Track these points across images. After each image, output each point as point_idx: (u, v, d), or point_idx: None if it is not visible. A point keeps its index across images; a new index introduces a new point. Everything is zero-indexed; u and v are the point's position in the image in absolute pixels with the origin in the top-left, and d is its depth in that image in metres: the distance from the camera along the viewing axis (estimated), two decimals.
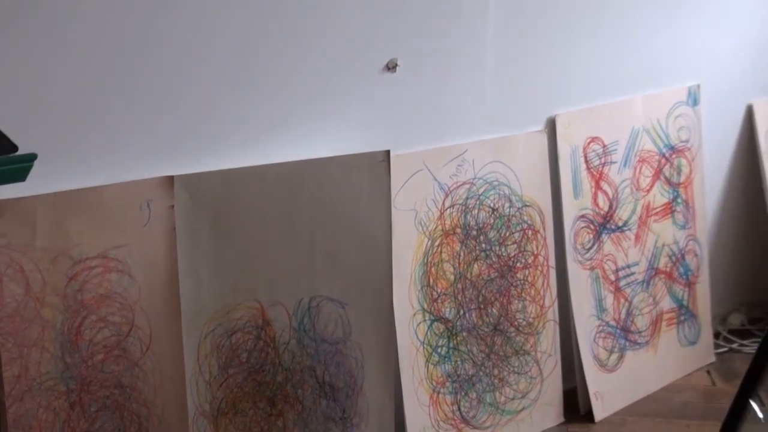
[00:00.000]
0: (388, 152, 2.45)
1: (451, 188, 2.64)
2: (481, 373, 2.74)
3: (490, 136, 2.72)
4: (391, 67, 2.47)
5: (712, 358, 3.32)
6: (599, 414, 2.95)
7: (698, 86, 3.18)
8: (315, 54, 2.34)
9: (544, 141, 2.83)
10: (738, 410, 1.53)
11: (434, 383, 2.64)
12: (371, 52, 2.44)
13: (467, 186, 2.67)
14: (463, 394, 2.71)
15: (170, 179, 2.17)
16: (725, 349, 3.40)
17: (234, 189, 2.25)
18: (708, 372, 3.27)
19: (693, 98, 3.17)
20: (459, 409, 2.70)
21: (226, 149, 2.27)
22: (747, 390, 1.52)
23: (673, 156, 3.15)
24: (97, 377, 2.16)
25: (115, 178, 2.12)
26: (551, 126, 2.84)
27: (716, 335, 3.43)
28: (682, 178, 3.18)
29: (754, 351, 1.99)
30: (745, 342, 3.42)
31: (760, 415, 2.81)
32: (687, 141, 3.18)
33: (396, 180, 2.50)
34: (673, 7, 3.05)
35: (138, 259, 2.17)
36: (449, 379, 2.68)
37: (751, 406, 1.56)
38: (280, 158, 2.32)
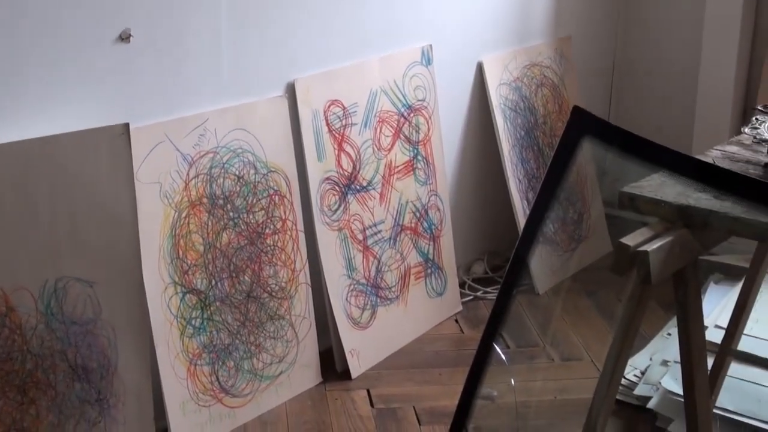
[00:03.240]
0: (127, 125, 2.39)
1: (195, 158, 2.62)
2: (237, 342, 2.74)
3: (230, 104, 2.71)
4: (124, 37, 2.41)
5: (460, 307, 3.45)
6: (356, 371, 3.02)
7: (430, 46, 3.28)
8: (44, 25, 2.25)
9: (285, 106, 2.84)
10: (483, 354, 1.61)
11: (191, 356, 2.62)
12: (102, 22, 2.37)
13: (211, 155, 2.66)
14: (220, 363, 2.71)
15: None
16: (471, 298, 3.55)
17: None
18: (456, 320, 3.40)
19: (426, 58, 3.27)
20: (218, 379, 2.70)
21: None
22: (490, 335, 1.60)
23: (411, 115, 3.23)
24: None
25: None
26: (291, 91, 2.86)
27: (462, 285, 3.57)
28: (421, 136, 3.27)
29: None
30: (488, 289, 3.58)
31: (504, 357, 2.95)
32: (423, 100, 3.27)
33: (137, 153, 2.45)
34: None
35: None
36: (206, 350, 2.67)
37: (495, 349, 1.64)
38: (13, 137, 2.22)
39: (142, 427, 2.50)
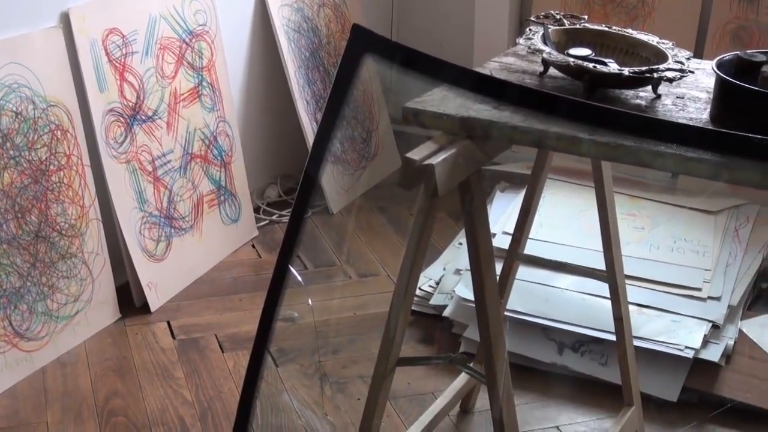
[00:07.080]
0: None
1: None
2: (29, 284, 2.67)
3: (1, 37, 2.59)
4: None
5: (256, 232, 3.45)
6: (154, 304, 2.99)
7: None
8: None
9: (60, 37, 2.74)
10: (280, 277, 1.62)
11: None
12: None
13: None
14: (12, 308, 2.63)
15: None
16: (266, 222, 3.56)
17: None
18: (253, 246, 3.40)
19: None
20: (11, 324, 2.62)
21: None
22: (285, 257, 1.61)
23: (194, 41, 3.18)
24: None
25: None
26: (66, 21, 2.76)
27: (257, 210, 3.57)
28: (205, 62, 3.22)
29: None
30: (283, 212, 3.59)
31: (300, 278, 2.98)
32: (205, 24, 3.22)
33: None
34: None
35: None
36: None
37: (291, 271, 1.65)
38: None
39: None
